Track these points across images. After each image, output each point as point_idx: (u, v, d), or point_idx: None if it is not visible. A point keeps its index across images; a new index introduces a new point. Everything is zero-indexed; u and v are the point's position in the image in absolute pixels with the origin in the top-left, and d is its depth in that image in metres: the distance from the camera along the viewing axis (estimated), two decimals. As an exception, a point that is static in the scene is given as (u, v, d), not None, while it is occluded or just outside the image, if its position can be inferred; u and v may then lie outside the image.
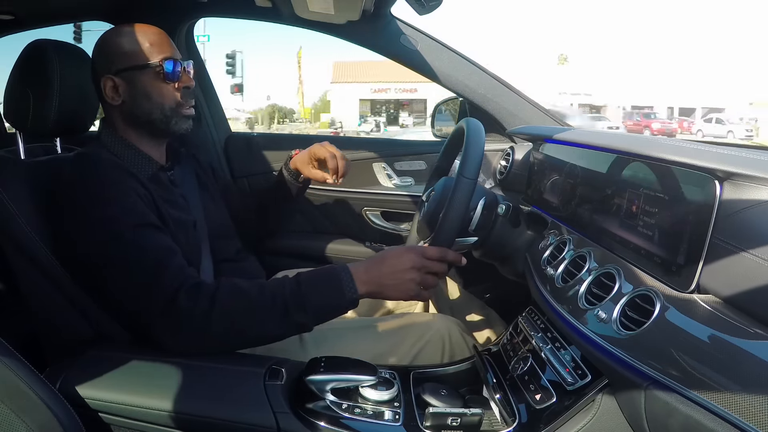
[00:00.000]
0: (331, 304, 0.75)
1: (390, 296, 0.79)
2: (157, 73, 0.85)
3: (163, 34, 0.88)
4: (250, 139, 1.57)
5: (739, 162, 0.54)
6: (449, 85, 1.34)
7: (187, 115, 0.90)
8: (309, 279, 0.76)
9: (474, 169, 0.79)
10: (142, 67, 0.84)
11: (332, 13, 1.14)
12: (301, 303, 0.73)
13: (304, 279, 0.76)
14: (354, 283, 0.75)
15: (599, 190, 0.78)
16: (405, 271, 0.77)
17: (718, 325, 0.50)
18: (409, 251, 0.78)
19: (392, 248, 0.81)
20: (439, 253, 0.79)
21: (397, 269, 0.77)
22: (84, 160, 0.81)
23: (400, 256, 0.78)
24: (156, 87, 0.86)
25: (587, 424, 0.62)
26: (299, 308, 0.73)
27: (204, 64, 1.53)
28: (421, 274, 0.78)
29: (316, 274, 0.77)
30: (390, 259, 0.78)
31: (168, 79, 0.86)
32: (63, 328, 0.79)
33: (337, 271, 0.77)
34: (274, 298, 0.73)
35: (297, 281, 0.75)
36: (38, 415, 0.60)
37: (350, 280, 0.75)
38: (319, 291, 0.74)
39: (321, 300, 0.74)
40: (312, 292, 0.74)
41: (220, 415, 0.67)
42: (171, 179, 0.92)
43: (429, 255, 0.78)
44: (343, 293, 0.75)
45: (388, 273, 0.77)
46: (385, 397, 0.70)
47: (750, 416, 0.42)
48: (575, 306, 0.70)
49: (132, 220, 0.75)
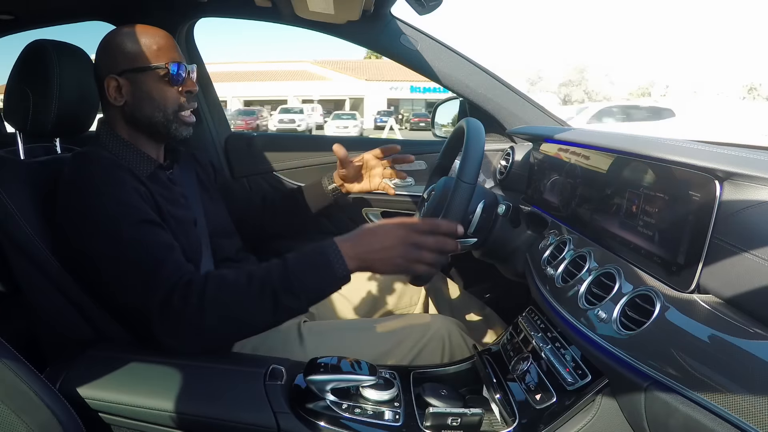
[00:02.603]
0: (321, 284, 0.73)
1: (380, 271, 0.76)
2: (161, 75, 0.85)
3: (170, 37, 0.88)
4: (250, 138, 1.57)
5: (739, 162, 0.54)
6: (449, 85, 1.34)
7: (187, 122, 0.90)
8: (296, 262, 0.73)
9: (473, 173, 0.79)
10: (147, 69, 0.85)
11: (332, 13, 1.14)
12: (291, 288, 0.71)
13: (291, 262, 0.73)
14: (343, 260, 0.72)
15: (599, 190, 0.78)
16: (395, 247, 0.74)
17: (718, 325, 0.50)
18: (400, 226, 0.75)
19: (383, 221, 0.78)
20: (429, 225, 0.76)
21: (386, 244, 0.74)
22: (83, 158, 0.80)
23: (390, 230, 0.75)
24: (159, 89, 0.86)
25: (587, 424, 0.62)
26: (289, 293, 0.71)
27: (204, 63, 1.53)
28: (411, 249, 0.74)
29: (303, 255, 0.74)
30: (379, 233, 0.75)
31: (172, 82, 0.86)
32: (63, 328, 0.79)
33: (325, 249, 0.73)
34: (263, 286, 0.71)
35: (284, 266, 0.73)
36: (38, 414, 0.60)
37: (339, 257, 0.72)
38: (307, 273, 0.72)
39: (311, 282, 0.72)
40: (300, 275, 0.72)
41: (221, 415, 0.67)
42: (170, 178, 0.92)
43: (419, 228, 0.75)
44: (333, 272, 0.72)
45: (377, 248, 0.74)
46: (385, 397, 0.70)
47: (750, 416, 0.42)
48: (575, 306, 0.70)
49: (131, 216, 0.75)
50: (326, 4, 1.06)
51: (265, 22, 1.41)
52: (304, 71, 28.35)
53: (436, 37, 1.31)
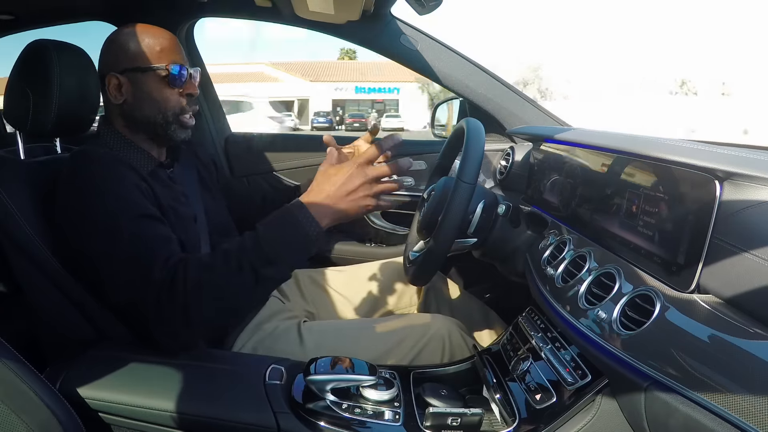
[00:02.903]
0: (296, 247, 0.73)
1: (351, 217, 0.76)
2: (163, 77, 0.85)
3: (174, 39, 0.88)
4: (250, 138, 1.57)
5: (739, 162, 0.54)
6: (449, 85, 1.34)
7: (187, 126, 0.90)
8: (266, 229, 0.72)
9: (473, 173, 0.79)
10: (149, 69, 0.85)
11: (332, 13, 1.14)
12: (267, 258, 0.70)
13: (261, 231, 0.72)
14: (313, 218, 0.72)
15: (599, 190, 0.78)
16: (357, 189, 0.74)
17: (718, 325, 0.50)
18: (350, 167, 0.75)
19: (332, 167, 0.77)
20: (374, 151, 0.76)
21: (349, 189, 0.74)
22: (82, 157, 0.80)
23: (346, 176, 0.74)
24: (160, 91, 0.86)
25: (587, 424, 0.62)
26: (266, 263, 0.70)
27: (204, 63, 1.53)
28: (372, 186, 0.75)
29: (271, 221, 0.74)
30: (337, 181, 0.74)
31: (173, 84, 0.86)
32: (63, 328, 0.79)
33: (292, 209, 0.73)
34: (240, 262, 0.70)
35: (256, 236, 0.72)
36: (38, 414, 0.60)
37: (308, 216, 0.72)
38: (279, 239, 0.71)
39: (285, 247, 0.72)
40: (273, 241, 0.71)
41: (221, 415, 0.67)
42: (170, 177, 0.92)
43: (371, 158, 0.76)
44: (306, 233, 0.72)
45: (341, 196, 0.74)
46: (385, 397, 0.70)
47: (750, 416, 0.42)
48: (575, 306, 0.70)
49: (131, 212, 0.75)
50: (326, 4, 1.06)
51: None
52: (261, 73, 27.51)
53: (436, 37, 1.31)
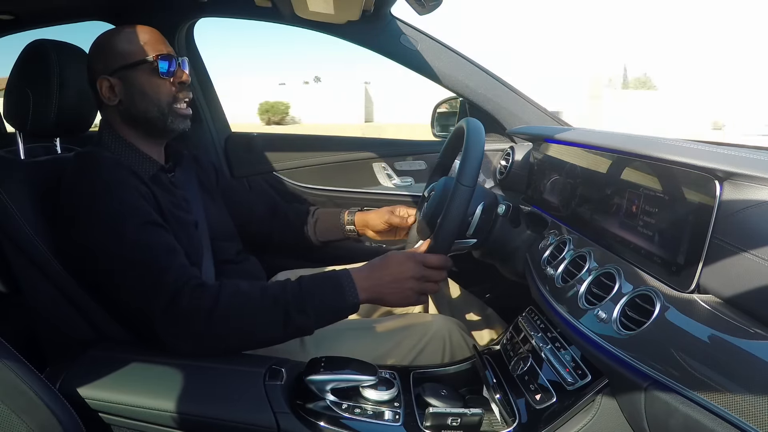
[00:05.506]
0: (333, 307, 0.76)
1: (389, 303, 0.80)
2: (152, 69, 0.85)
3: (156, 32, 0.88)
4: (250, 139, 1.57)
5: (739, 162, 0.54)
6: (449, 85, 1.34)
7: (184, 115, 0.90)
8: (310, 282, 0.76)
9: (472, 175, 0.79)
10: (137, 64, 0.85)
11: (332, 13, 1.14)
12: (303, 306, 0.73)
13: (305, 282, 0.76)
14: (355, 289, 0.76)
15: (599, 190, 0.78)
16: (406, 280, 0.79)
17: (718, 325, 0.50)
18: (410, 259, 0.80)
19: (394, 254, 0.82)
20: (439, 261, 0.81)
21: (398, 278, 0.78)
22: (85, 159, 0.80)
23: (402, 264, 0.79)
24: (151, 83, 0.86)
25: (587, 424, 0.62)
26: (300, 311, 0.73)
27: (204, 63, 1.53)
28: (420, 283, 0.80)
29: (317, 277, 0.78)
30: (391, 267, 0.79)
31: (163, 74, 0.86)
32: (63, 328, 0.79)
33: (339, 275, 0.78)
34: (276, 300, 0.73)
35: (299, 284, 0.76)
36: (38, 414, 0.60)
37: (352, 285, 0.76)
38: (320, 294, 0.75)
39: (322, 303, 0.75)
40: (313, 294, 0.75)
41: (220, 415, 0.67)
42: (172, 181, 0.92)
43: (429, 263, 0.80)
44: (344, 297, 0.76)
45: (388, 281, 0.78)
46: (385, 397, 0.70)
47: (750, 416, 0.42)
48: (575, 306, 0.70)
49: (135, 218, 0.75)
50: (326, 4, 1.07)
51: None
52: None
53: (436, 37, 1.31)
